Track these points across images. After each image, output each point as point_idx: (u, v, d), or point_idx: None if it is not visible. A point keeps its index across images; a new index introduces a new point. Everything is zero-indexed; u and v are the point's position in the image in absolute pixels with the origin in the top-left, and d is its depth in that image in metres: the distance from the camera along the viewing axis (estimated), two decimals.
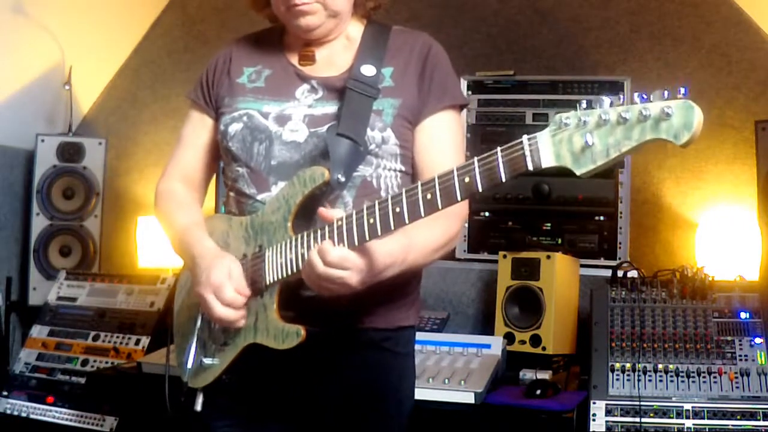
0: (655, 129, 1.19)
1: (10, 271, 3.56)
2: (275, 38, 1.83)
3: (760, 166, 2.62)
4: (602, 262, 2.85)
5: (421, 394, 2.26)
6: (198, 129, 1.84)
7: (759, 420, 2.08)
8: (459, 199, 1.36)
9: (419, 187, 1.40)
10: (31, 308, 3.42)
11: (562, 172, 1.20)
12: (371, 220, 1.43)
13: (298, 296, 1.59)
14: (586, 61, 3.33)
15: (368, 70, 1.70)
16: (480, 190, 1.34)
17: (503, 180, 1.31)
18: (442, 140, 1.73)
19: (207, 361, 1.70)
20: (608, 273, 2.51)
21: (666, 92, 1.20)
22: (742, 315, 2.30)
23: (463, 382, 2.28)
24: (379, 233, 1.43)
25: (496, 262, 2.65)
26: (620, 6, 3.39)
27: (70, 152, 3.59)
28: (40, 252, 3.52)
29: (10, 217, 3.59)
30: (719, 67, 3.23)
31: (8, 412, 2.94)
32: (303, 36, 1.74)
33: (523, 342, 2.51)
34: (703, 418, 2.11)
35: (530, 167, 1.29)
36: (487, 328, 2.73)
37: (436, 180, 1.38)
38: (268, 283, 1.59)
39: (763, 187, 2.58)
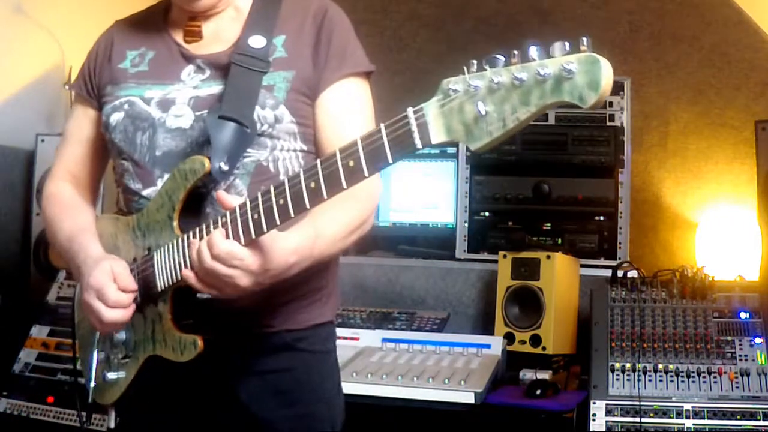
0: (556, 91, 1.00)
1: (10, 271, 3.55)
2: (159, 17, 1.67)
3: (760, 166, 2.62)
4: (602, 262, 2.85)
5: (421, 394, 2.26)
6: (83, 123, 1.69)
7: (759, 420, 2.07)
8: (345, 186, 1.20)
9: (301, 175, 1.24)
10: (31, 308, 3.42)
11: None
12: (255, 216, 1.28)
13: (195, 300, 1.46)
14: None
15: (257, 41, 1.53)
16: (367, 175, 1.18)
17: (391, 162, 1.15)
18: (345, 113, 1.55)
19: (111, 375, 1.57)
20: (608, 273, 2.51)
21: (567, 44, 1.01)
22: (742, 315, 2.30)
23: (463, 382, 2.28)
24: (265, 229, 1.28)
25: (496, 262, 2.65)
26: (620, 6, 3.39)
27: None
28: (40, 252, 3.51)
29: (10, 217, 3.59)
30: (719, 67, 3.23)
31: (8, 412, 2.93)
32: (186, 7, 1.58)
33: (523, 342, 2.51)
34: (703, 418, 2.10)
35: (419, 145, 1.12)
36: (487, 328, 2.73)
37: (319, 166, 1.22)
38: (160, 289, 1.46)
39: (763, 187, 2.58)
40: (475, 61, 1.09)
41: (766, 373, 2.17)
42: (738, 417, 2.09)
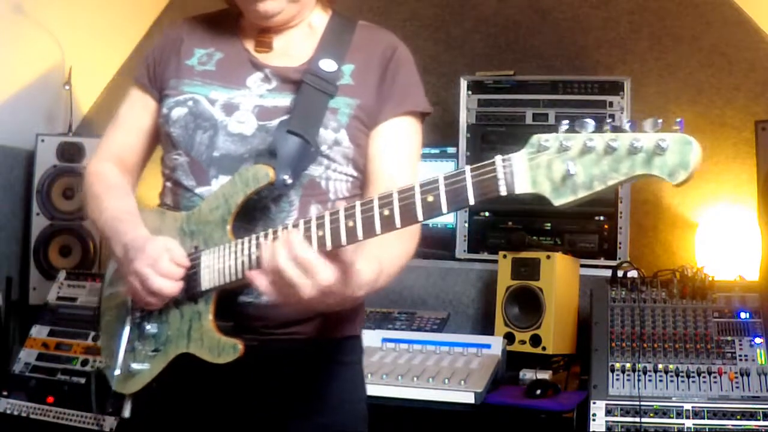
0: (647, 164, 1.06)
1: (10, 271, 3.55)
2: (231, 20, 1.69)
3: (760, 166, 2.62)
4: (602, 262, 2.85)
5: (421, 394, 2.26)
6: (138, 110, 1.70)
7: (759, 420, 2.08)
8: (420, 218, 1.21)
9: (375, 202, 1.24)
10: (31, 308, 3.42)
11: None
12: (320, 233, 1.27)
13: (236, 303, 1.48)
14: (586, 61, 3.33)
15: (328, 65, 1.57)
16: (445, 212, 1.19)
17: (472, 203, 1.17)
18: (397, 148, 1.60)
19: (136, 366, 1.56)
20: (608, 273, 2.51)
21: (659, 121, 1.07)
22: (742, 315, 2.30)
23: (463, 382, 2.28)
24: (329, 247, 1.26)
25: (496, 262, 2.65)
26: (620, 6, 3.39)
27: (70, 152, 3.58)
28: (40, 252, 3.51)
29: (10, 217, 3.59)
30: (719, 67, 3.23)
31: (8, 412, 2.94)
32: (261, 23, 1.61)
33: (523, 342, 2.51)
34: (703, 418, 2.11)
35: (503, 192, 1.14)
36: (487, 328, 2.73)
37: (395, 196, 1.22)
38: (203, 289, 1.46)
39: (763, 187, 2.58)
40: (566, 121, 1.13)
41: (766, 373, 2.17)
42: (738, 417, 2.09)
